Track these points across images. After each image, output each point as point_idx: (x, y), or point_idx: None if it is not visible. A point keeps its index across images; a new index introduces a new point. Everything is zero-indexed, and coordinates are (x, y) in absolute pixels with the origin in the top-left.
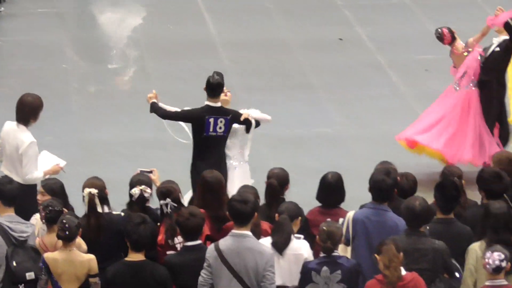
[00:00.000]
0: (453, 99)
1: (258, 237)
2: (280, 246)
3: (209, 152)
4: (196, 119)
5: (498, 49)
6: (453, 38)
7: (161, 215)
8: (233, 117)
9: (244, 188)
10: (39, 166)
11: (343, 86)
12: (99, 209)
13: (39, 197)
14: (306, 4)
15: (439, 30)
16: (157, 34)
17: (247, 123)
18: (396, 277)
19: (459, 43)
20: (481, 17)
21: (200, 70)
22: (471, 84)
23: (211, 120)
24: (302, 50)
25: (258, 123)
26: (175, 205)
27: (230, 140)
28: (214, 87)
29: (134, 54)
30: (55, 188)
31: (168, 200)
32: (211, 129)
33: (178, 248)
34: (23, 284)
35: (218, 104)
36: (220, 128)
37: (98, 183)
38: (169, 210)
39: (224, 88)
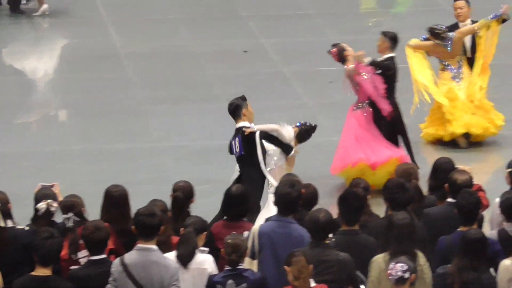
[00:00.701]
0: (355, 119)
1: (169, 250)
2: (185, 259)
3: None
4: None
5: (380, 70)
6: (343, 60)
7: (64, 229)
8: (242, 134)
9: (153, 202)
10: None
11: (249, 97)
12: (2, 224)
13: None
14: (210, 15)
15: (330, 49)
16: (61, 46)
17: (252, 136)
18: None
19: (350, 65)
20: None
21: (104, 82)
22: (365, 104)
23: (233, 142)
24: (207, 62)
25: (269, 136)
26: (78, 219)
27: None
28: (232, 111)
29: (39, 66)
30: None
31: (70, 214)
32: (233, 150)
33: (82, 263)
34: None
35: (238, 124)
36: (237, 147)
37: (0, 196)
38: (71, 224)
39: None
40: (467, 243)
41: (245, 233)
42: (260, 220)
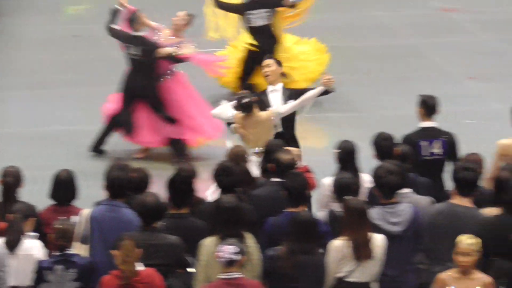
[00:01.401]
0: None
1: None
2: (12, 245)
3: None
4: None
5: None
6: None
7: None
8: None
9: None
10: None
11: (78, 83)
12: None
13: None
14: (39, 1)
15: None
16: None
17: None
18: (131, 272)
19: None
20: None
21: None
22: None
23: None
24: (36, 47)
25: None
26: None
27: None
28: None
29: None
30: None
31: None
32: None
33: None
34: None
35: None
36: None
37: None
38: None
39: None
40: (297, 225)
41: (74, 218)
42: None
